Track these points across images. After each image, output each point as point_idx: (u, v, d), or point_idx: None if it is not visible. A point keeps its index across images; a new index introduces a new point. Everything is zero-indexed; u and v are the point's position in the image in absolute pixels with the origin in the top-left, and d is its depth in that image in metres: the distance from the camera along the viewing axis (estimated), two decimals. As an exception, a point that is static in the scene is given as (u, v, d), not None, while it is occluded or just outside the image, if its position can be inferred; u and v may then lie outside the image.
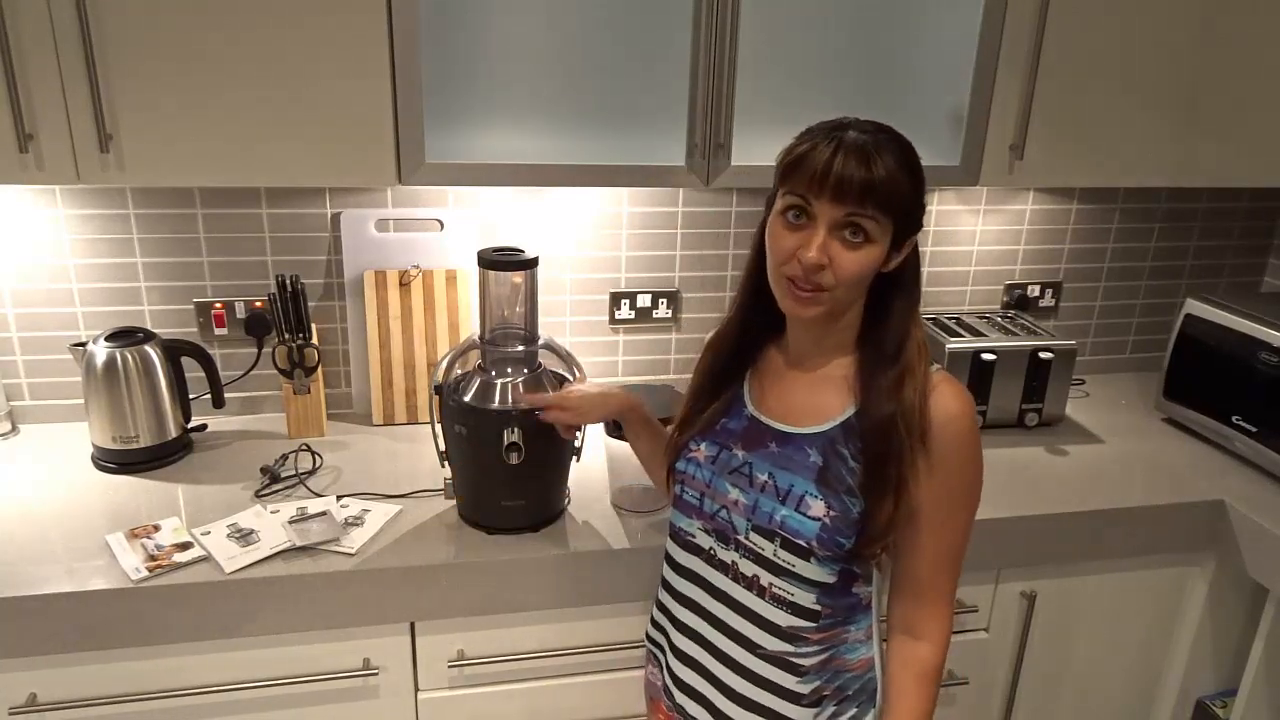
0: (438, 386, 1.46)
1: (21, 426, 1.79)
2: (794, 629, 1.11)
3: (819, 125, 1.04)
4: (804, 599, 1.10)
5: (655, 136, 1.54)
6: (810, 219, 1.01)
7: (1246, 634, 1.78)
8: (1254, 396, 1.78)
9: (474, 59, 1.45)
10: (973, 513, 1.11)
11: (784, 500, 1.09)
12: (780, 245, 1.04)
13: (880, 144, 1.00)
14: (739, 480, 1.13)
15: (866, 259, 1.02)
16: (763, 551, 1.11)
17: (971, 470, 1.09)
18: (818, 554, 1.07)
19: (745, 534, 1.12)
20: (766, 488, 1.10)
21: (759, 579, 1.12)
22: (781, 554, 1.09)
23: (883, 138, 1.01)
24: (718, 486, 1.14)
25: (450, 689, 1.49)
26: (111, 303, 1.77)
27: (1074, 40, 1.63)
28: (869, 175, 0.97)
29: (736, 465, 1.13)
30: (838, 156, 0.98)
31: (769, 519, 1.09)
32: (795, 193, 1.01)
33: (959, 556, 1.11)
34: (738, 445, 1.14)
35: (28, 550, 1.39)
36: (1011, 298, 2.17)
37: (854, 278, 1.02)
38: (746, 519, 1.12)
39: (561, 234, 1.90)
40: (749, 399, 1.17)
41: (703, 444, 1.17)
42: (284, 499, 1.56)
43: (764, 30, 1.51)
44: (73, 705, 1.36)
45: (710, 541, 1.16)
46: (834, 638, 1.13)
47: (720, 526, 1.15)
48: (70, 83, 1.33)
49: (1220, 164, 1.77)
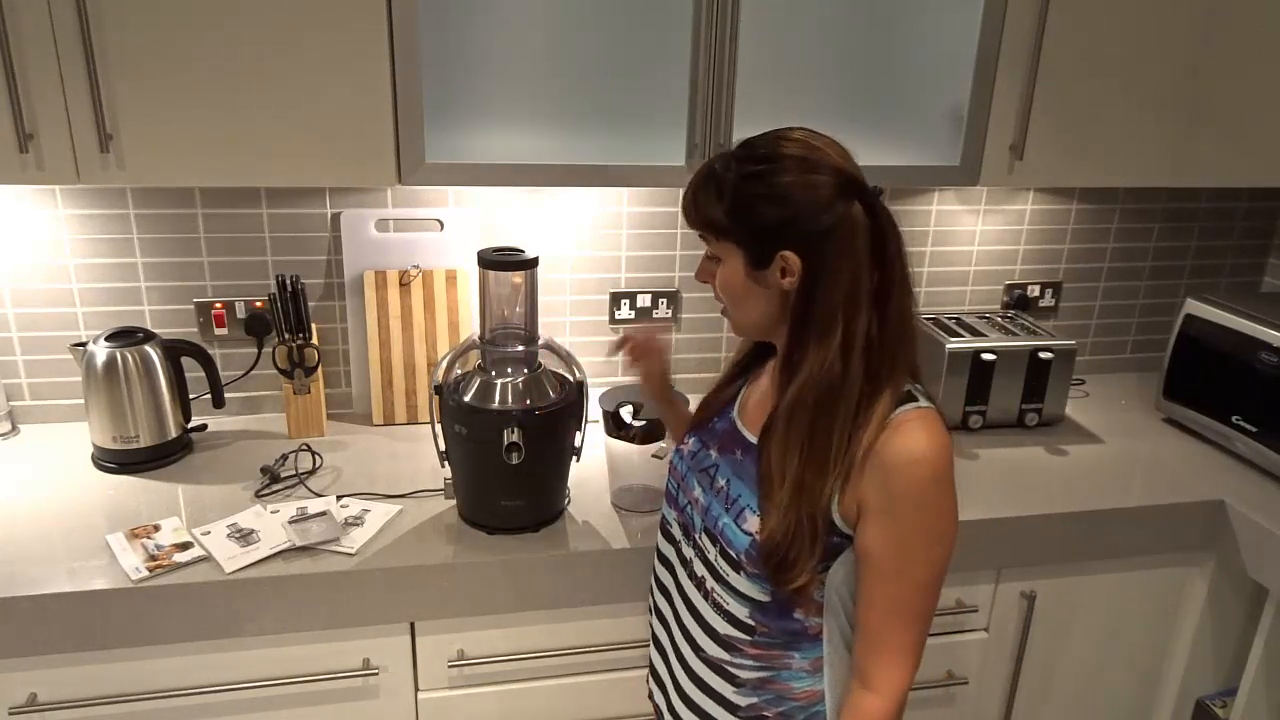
0: (438, 386, 1.46)
1: (21, 426, 1.79)
2: (729, 638, 1.10)
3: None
4: (738, 610, 1.08)
5: (655, 136, 1.54)
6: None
7: (1246, 634, 1.78)
8: (1254, 396, 1.78)
9: (474, 59, 1.45)
10: (935, 568, 1.00)
11: (728, 508, 1.09)
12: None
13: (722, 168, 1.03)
14: (704, 480, 1.15)
15: (724, 275, 1.07)
16: (708, 554, 1.12)
17: (930, 520, 0.99)
18: (746, 569, 1.06)
19: (700, 533, 1.14)
20: (720, 492, 1.12)
21: (705, 581, 1.12)
22: (719, 561, 1.10)
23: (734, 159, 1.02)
24: (689, 482, 1.17)
25: (450, 689, 1.49)
26: (111, 303, 1.77)
27: (1074, 40, 1.63)
28: (692, 200, 1.06)
29: (706, 465, 1.16)
30: (691, 181, 1.06)
31: (715, 523, 1.11)
32: None
33: (918, 610, 1.01)
34: (714, 446, 1.16)
35: (28, 550, 1.39)
36: (1011, 298, 2.17)
37: (724, 293, 1.08)
38: (701, 518, 1.13)
39: (561, 234, 1.90)
40: (737, 403, 1.19)
41: (691, 438, 1.21)
42: (284, 499, 1.56)
43: (764, 30, 1.51)
44: (73, 705, 1.36)
45: (679, 534, 1.19)
46: (773, 659, 1.09)
47: (685, 521, 1.17)
48: (70, 83, 1.33)
49: (1220, 164, 1.77)
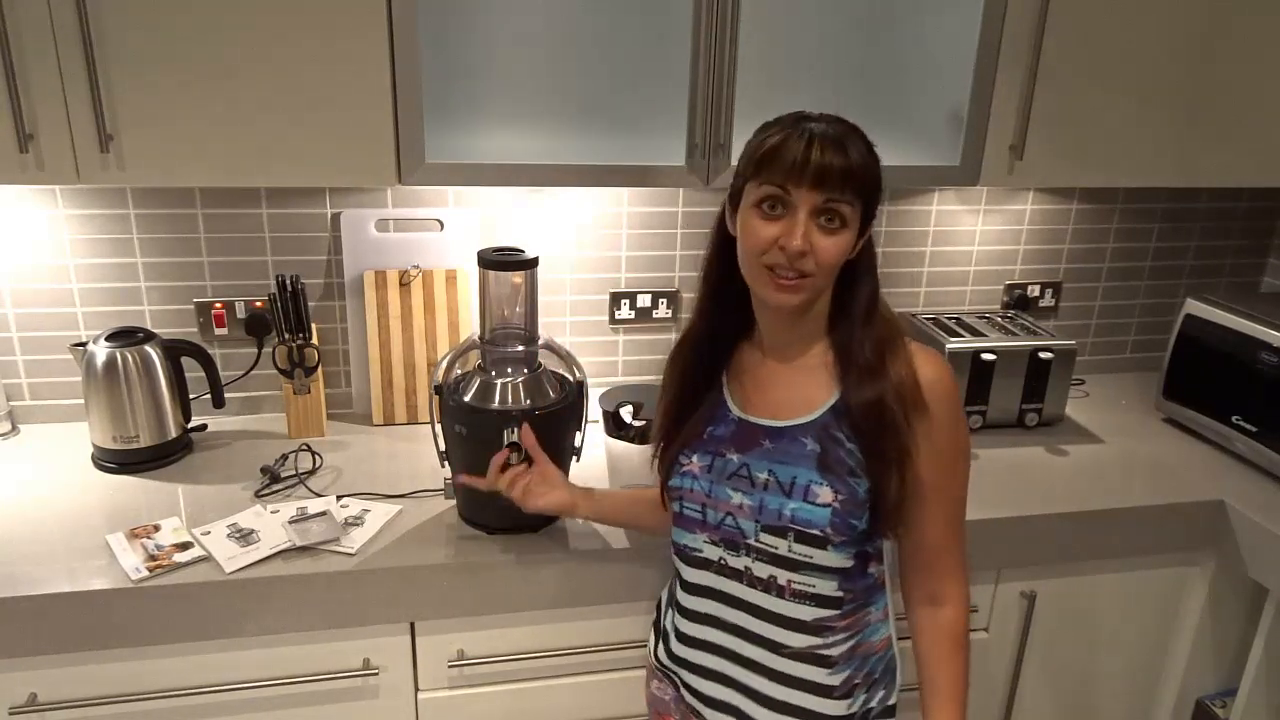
0: (438, 386, 1.46)
1: (21, 426, 1.79)
2: (820, 621, 1.12)
3: (781, 119, 1.07)
4: (826, 588, 1.11)
5: (655, 136, 1.54)
6: (788, 208, 1.03)
7: (1246, 634, 1.78)
8: (1254, 396, 1.78)
9: (474, 59, 1.45)
10: (967, 468, 1.14)
11: (790, 493, 1.09)
12: (758, 236, 1.05)
13: (848, 132, 1.04)
14: (739, 484, 1.12)
15: (843, 243, 1.05)
16: (776, 550, 1.10)
17: (961, 427, 1.12)
18: (833, 540, 1.08)
19: (755, 536, 1.11)
20: (769, 485, 1.10)
21: (776, 579, 1.11)
22: (797, 548, 1.09)
23: (847, 127, 1.05)
24: (718, 495, 1.13)
25: (450, 689, 1.49)
26: (111, 303, 1.77)
27: (1074, 40, 1.63)
28: (846, 161, 1.01)
29: (734, 470, 1.12)
30: (814, 146, 1.01)
31: (778, 515, 1.09)
32: (773, 183, 1.03)
33: (962, 514, 1.15)
34: (730, 449, 1.14)
35: (28, 550, 1.39)
36: (1011, 298, 2.17)
37: (832, 262, 1.05)
38: (754, 520, 1.11)
39: (561, 234, 1.90)
40: (732, 402, 1.16)
41: (694, 455, 1.16)
42: (284, 499, 1.56)
43: (764, 30, 1.51)
44: (73, 705, 1.36)
45: (719, 552, 1.15)
46: (858, 622, 1.14)
47: (728, 535, 1.13)
48: (70, 83, 1.33)
49: (1220, 164, 1.77)
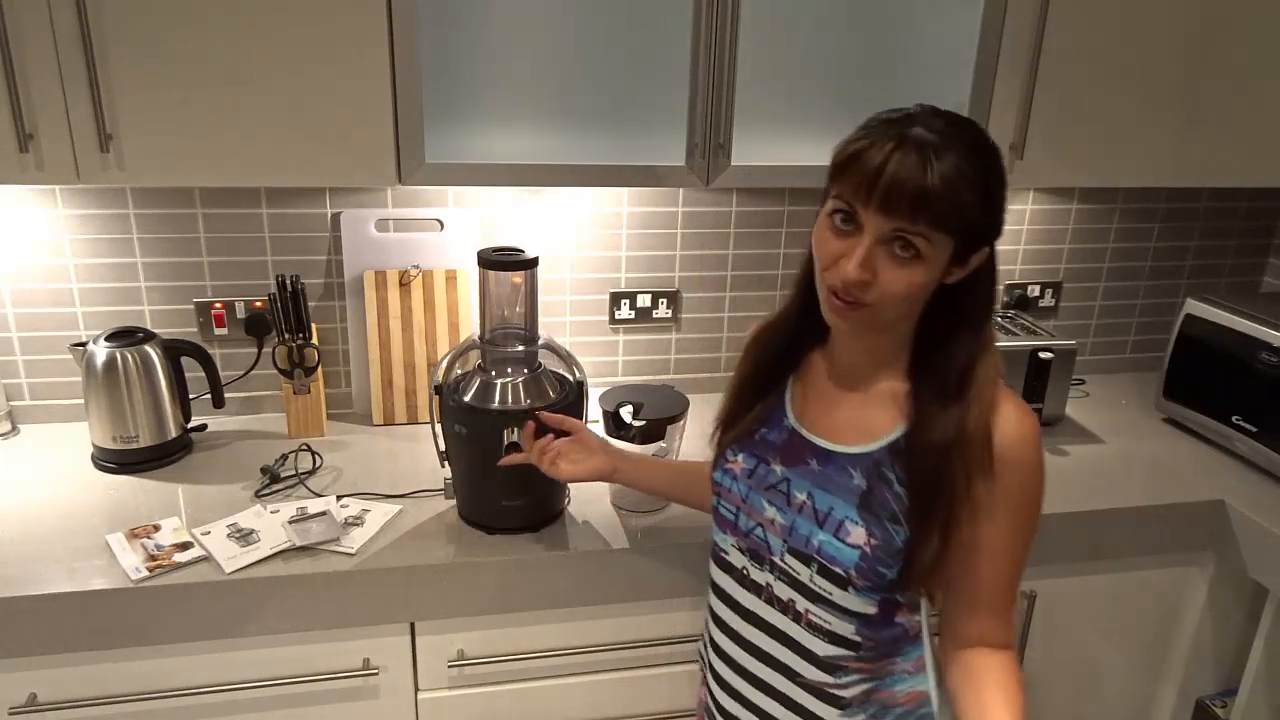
0: (438, 386, 1.46)
1: (21, 426, 1.79)
2: (832, 659, 1.03)
3: (885, 116, 0.93)
4: (842, 629, 1.02)
5: (655, 136, 1.54)
6: (857, 227, 0.91)
7: (1246, 634, 1.78)
8: (1254, 396, 1.78)
9: (474, 59, 1.45)
10: (1033, 535, 1.01)
11: (822, 524, 1.01)
12: (825, 250, 0.94)
13: (945, 145, 0.88)
14: (776, 498, 1.05)
15: (915, 278, 0.91)
16: (799, 576, 1.03)
17: (1032, 495, 0.98)
18: (856, 584, 0.99)
19: (781, 556, 1.04)
20: (805, 508, 1.02)
21: (795, 604, 1.04)
22: (818, 580, 1.02)
23: (952, 136, 0.89)
24: (754, 503, 1.07)
25: (450, 689, 1.49)
26: (111, 303, 1.77)
27: (1074, 40, 1.62)
28: (922, 185, 0.86)
29: (774, 482, 1.05)
30: (892, 160, 0.87)
31: (805, 542, 1.02)
32: (843, 197, 0.92)
33: (1018, 575, 1.02)
34: (776, 459, 1.06)
35: (28, 550, 1.39)
36: (1011, 298, 2.17)
37: (898, 297, 0.92)
38: (783, 540, 1.04)
39: (561, 234, 1.90)
40: (790, 408, 1.08)
41: (740, 455, 1.09)
42: (284, 499, 1.56)
43: (764, 30, 1.51)
44: (73, 705, 1.36)
45: (743, 560, 1.09)
46: (880, 670, 1.04)
47: (755, 545, 1.07)
48: (70, 83, 1.33)
49: (1220, 164, 1.77)
